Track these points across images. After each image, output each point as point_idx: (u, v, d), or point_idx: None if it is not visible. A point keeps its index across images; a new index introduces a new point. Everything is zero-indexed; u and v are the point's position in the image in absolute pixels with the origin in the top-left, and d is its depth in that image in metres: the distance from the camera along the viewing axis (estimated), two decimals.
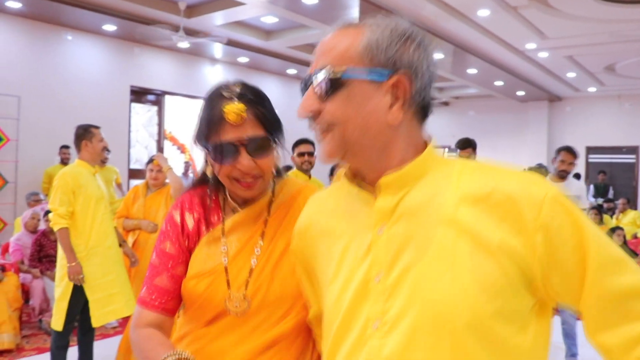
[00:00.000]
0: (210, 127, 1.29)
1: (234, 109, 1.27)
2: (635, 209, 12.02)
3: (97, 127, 4.17)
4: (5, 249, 6.39)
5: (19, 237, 6.16)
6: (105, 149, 4.21)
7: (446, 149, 16.80)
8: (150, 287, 1.37)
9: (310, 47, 10.91)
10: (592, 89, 14.18)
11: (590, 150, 15.19)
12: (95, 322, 4.05)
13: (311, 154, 4.76)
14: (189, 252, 1.40)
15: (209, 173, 1.41)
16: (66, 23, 8.83)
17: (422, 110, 1.05)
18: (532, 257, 0.92)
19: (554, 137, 15.44)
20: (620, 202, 10.57)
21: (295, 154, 4.77)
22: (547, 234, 0.91)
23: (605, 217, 9.56)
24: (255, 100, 1.32)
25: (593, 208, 8.19)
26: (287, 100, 13.28)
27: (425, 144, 1.07)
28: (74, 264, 3.93)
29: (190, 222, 1.41)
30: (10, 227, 8.00)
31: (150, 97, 10.72)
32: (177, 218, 1.42)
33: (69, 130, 9.12)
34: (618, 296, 0.91)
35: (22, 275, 5.78)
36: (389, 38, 1.00)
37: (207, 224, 1.40)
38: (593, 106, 15.12)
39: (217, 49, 10.55)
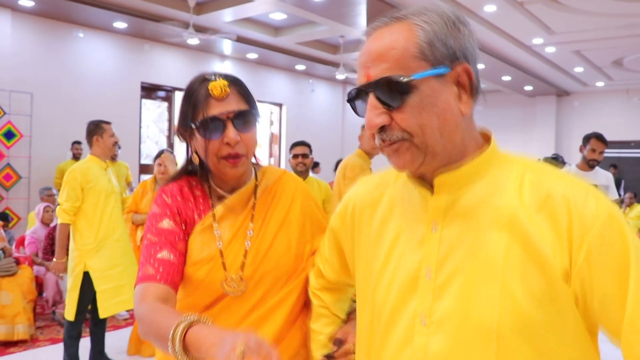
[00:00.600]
0: (196, 106, 1.37)
1: (218, 84, 1.37)
2: None
3: (108, 123, 4.27)
4: (20, 242, 6.52)
5: (34, 230, 6.28)
6: (116, 144, 4.30)
7: None
8: (154, 261, 1.33)
9: (318, 43, 10.98)
10: (600, 84, 14.16)
11: None
12: (103, 312, 4.15)
13: (305, 156, 4.75)
14: (187, 234, 1.42)
15: (194, 159, 1.47)
16: (77, 21, 8.96)
17: (476, 94, 1.00)
18: (573, 274, 0.90)
19: (562, 132, 15.44)
20: (627, 196, 10.57)
21: (290, 157, 4.80)
22: (590, 253, 0.88)
23: None
24: (235, 80, 1.42)
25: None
26: (297, 95, 13.38)
27: (484, 137, 1.05)
28: (61, 260, 4.14)
29: (185, 209, 1.44)
30: (24, 222, 8.14)
31: (161, 93, 10.83)
32: (170, 201, 1.43)
33: (80, 126, 9.25)
34: None
35: (35, 268, 5.90)
36: (444, 27, 0.95)
37: (198, 213, 1.45)
38: (601, 101, 15.09)
39: (227, 46, 10.64)
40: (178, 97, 11.00)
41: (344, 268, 1.30)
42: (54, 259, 4.19)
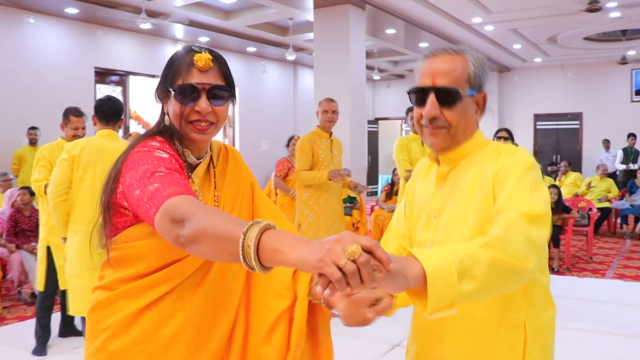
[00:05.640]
0: (178, 71, 1.47)
1: (203, 56, 1.46)
2: (578, 171, 12.77)
3: (77, 115, 4.43)
4: None
5: (2, 211, 6.38)
6: (75, 136, 4.38)
7: (402, 121, 17.33)
8: (177, 184, 1.31)
9: (268, 26, 11.20)
10: (537, 60, 14.81)
11: (537, 117, 15.90)
12: (62, 284, 4.35)
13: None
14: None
15: (166, 120, 1.53)
16: (27, 6, 8.96)
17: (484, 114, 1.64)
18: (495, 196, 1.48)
19: (504, 106, 16.11)
20: (562, 164, 11.26)
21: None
22: (498, 180, 1.47)
23: (549, 178, 10.22)
24: (220, 59, 1.53)
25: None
26: (249, 76, 13.59)
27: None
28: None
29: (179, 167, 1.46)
30: None
31: (115, 78, 10.91)
32: (166, 155, 1.43)
33: (35, 112, 9.33)
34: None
35: (0, 249, 6.06)
36: (481, 68, 1.56)
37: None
38: (539, 76, 15.81)
39: (179, 30, 10.77)
40: (132, 81, 11.10)
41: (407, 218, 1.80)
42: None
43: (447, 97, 1.52)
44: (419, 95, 1.57)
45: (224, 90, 1.50)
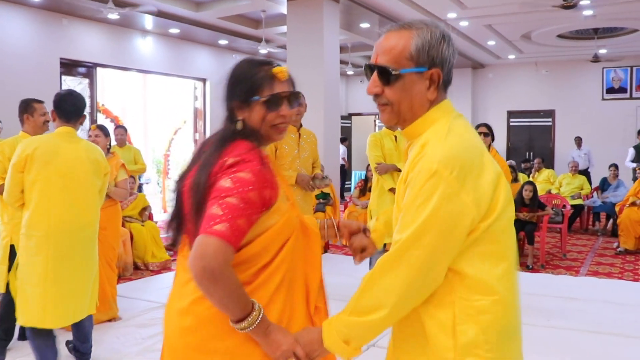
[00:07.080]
0: (262, 84, 1.66)
1: (284, 69, 1.69)
2: (551, 168, 12.85)
3: (39, 102, 4.33)
4: None
5: None
6: (47, 122, 4.32)
7: (375, 116, 17.29)
8: (233, 225, 1.50)
9: (240, 18, 11.02)
10: (511, 56, 14.89)
11: (511, 114, 16.03)
12: None
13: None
14: (270, 203, 1.62)
15: (239, 126, 1.68)
16: None
17: (446, 85, 1.53)
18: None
19: (477, 103, 16.19)
20: (535, 161, 11.31)
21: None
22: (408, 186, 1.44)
23: (522, 175, 10.26)
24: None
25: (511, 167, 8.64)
26: (220, 69, 13.37)
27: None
28: None
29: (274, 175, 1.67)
30: None
31: (81, 70, 10.60)
32: (266, 171, 1.61)
33: None
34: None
35: None
36: (429, 42, 1.46)
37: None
38: (513, 73, 15.94)
39: (148, 21, 10.53)
40: (100, 73, 10.82)
41: None
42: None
43: (384, 75, 1.49)
44: (368, 73, 1.57)
45: (298, 95, 1.73)
